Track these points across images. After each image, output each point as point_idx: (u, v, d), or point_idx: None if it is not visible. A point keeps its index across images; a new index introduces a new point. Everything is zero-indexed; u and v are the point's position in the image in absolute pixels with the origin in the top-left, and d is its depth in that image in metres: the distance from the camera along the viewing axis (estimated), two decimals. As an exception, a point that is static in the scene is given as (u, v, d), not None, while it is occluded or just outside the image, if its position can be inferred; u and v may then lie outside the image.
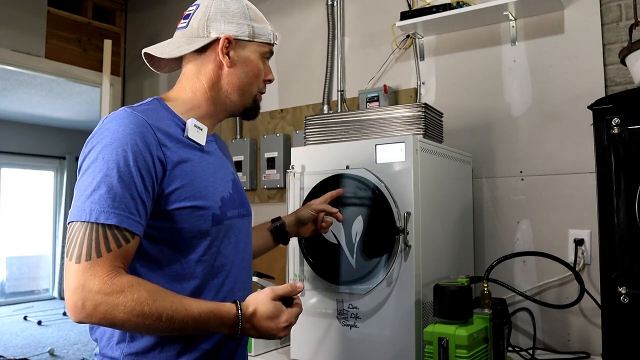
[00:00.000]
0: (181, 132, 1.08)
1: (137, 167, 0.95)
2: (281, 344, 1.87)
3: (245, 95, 1.17)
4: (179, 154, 1.04)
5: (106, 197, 0.92)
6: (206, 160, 1.11)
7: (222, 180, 1.13)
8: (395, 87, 2.24)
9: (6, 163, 7.60)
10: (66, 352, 5.04)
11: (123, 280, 0.91)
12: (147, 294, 0.91)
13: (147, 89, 3.26)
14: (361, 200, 1.54)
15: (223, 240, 1.10)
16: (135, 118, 0.99)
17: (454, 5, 1.95)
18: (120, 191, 0.93)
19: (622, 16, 1.77)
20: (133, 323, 0.90)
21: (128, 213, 0.93)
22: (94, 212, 0.91)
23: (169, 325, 0.92)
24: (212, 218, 1.06)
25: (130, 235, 0.94)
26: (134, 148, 0.96)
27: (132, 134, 0.97)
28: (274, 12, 2.65)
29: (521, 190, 1.93)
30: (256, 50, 1.17)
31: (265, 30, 1.18)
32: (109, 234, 0.92)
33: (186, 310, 0.93)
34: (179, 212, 1.01)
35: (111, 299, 0.88)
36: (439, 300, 1.35)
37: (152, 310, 0.90)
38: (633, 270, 1.14)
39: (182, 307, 0.93)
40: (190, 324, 0.94)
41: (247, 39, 1.15)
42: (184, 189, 1.02)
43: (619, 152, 1.17)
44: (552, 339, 1.82)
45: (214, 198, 1.08)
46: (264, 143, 2.59)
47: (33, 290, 7.84)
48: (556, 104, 1.88)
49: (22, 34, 2.92)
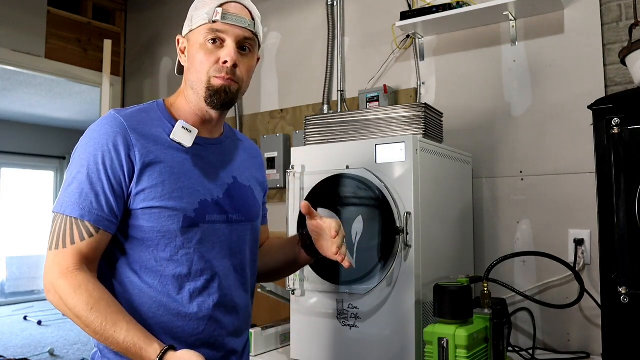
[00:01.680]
0: (168, 134, 1.10)
1: (104, 166, 1.03)
2: (281, 343, 1.87)
3: (197, 86, 1.12)
4: (156, 154, 1.07)
5: (74, 192, 1.02)
6: (190, 162, 1.11)
7: (208, 184, 1.13)
8: (395, 87, 2.24)
9: (6, 163, 7.60)
10: (66, 352, 5.04)
11: (77, 278, 0.98)
12: (86, 300, 0.96)
13: (147, 89, 3.26)
14: (361, 201, 1.54)
15: (201, 244, 1.09)
16: (112, 120, 1.06)
17: (454, 5, 1.95)
18: (87, 187, 1.02)
19: (622, 16, 1.77)
20: (72, 319, 0.98)
21: (91, 208, 1.01)
22: (64, 205, 1.02)
23: (97, 337, 0.97)
24: (183, 220, 1.07)
25: (94, 229, 1.01)
26: (103, 148, 1.03)
27: (105, 135, 1.04)
28: (274, 12, 2.65)
29: (521, 190, 1.93)
30: (195, 39, 1.12)
31: (201, 13, 1.11)
32: (74, 227, 1.00)
33: (113, 332, 0.96)
34: (146, 211, 1.05)
35: (61, 292, 0.97)
36: (439, 300, 1.35)
37: (83, 317, 0.96)
38: (633, 270, 1.14)
39: (111, 327, 0.96)
40: (114, 346, 0.97)
41: (189, 31, 1.14)
42: (153, 189, 1.05)
43: (619, 152, 1.17)
44: (552, 339, 1.82)
45: (189, 200, 1.08)
46: (264, 143, 2.59)
47: (33, 290, 7.83)
48: (556, 104, 1.88)
49: (22, 34, 2.92)
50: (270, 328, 1.84)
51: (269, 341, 1.82)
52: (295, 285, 1.66)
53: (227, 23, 1.09)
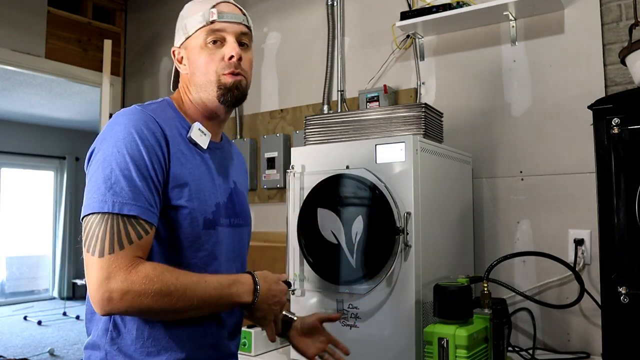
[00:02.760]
0: (185, 133, 1.10)
1: (151, 160, 0.99)
2: (281, 343, 1.86)
3: (207, 87, 1.11)
4: (184, 153, 1.07)
5: (127, 190, 0.95)
6: (205, 165, 1.12)
7: (219, 187, 1.14)
8: (395, 87, 2.24)
9: (6, 163, 7.60)
10: (66, 352, 5.04)
11: (146, 267, 0.94)
12: (169, 274, 0.95)
13: (147, 89, 3.26)
14: (361, 200, 1.54)
15: (215, 247, 1.10)
16: (145, 115, 1.04)
17: (454, 5, 1.95)
18: (140, 183, 0.96)
19: (622, 16, 1.77)
20: (160, 305, 0.94)
21: (148, 205, 0.97)
22: (116, 204, 0.94)
23: (194, 298, 0.96)
24: (204, 222, 1.07)
25: (149, 226, 0.98)
26: (146, 142, 0.99)
27: (144, 129, 1.01)
28: (274, 12, 2.66)
29: (521, 190, 1.92)
30: (195, 43, 1.12)
31: (194, 18, 1.12)
32: (129, 226, 0.95)
33: (206, 282, 0.99)
34: (176, 210, 1.03)
35: (137, 287, 0.91)
36: (439, 300, 1.35)
37: (177, 288, 0.95)
38: (633, 270, 1.14)
39: (201, 279, 0.99)
40: (213, 293, 0.99)
41: (185, 39, 1.14)
42: (183, 187, 1.04)
43: (619, 152, 1.17)
44: (552, 339, 1.82)
45: (208, 202, 1.09)
46: (264, 143, 2.59)
47: (33, 290, 7.84)
48: (556, 104, 1.88)
49: (22, 34, 2.92)
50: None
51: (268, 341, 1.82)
52: (295, 285, 1.66)
53: (225, 21, 1.11)
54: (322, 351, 1.33)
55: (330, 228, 1.58)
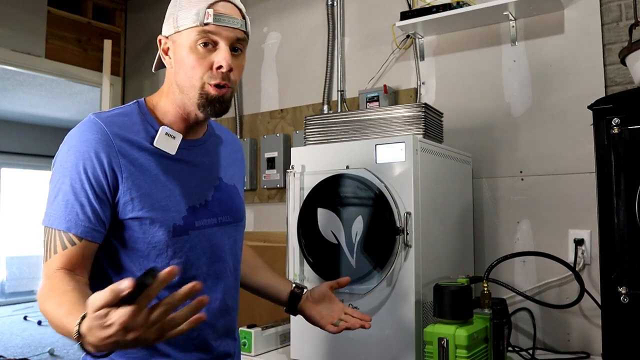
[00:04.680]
0: (151, 139, 1.06)
1: (87, 175, 0.99)
2: (281, 343, 1.87)
3: (189, 91, 1.05)
4: (140, 162, 1.03)
5: (60, 205, 0.99)
6: (174, 169, 1.08)
7: (195, 188, 1.10)
8: (395, 87, 2.24)
9: (6, 163, 7.61)
10: (66, 352, 5.04)
11: (47, 281, 0.96)
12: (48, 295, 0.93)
13: (147, 88, 3.26)
14: (361, 201, 1.54)
15: (192, 251, 1.07)
16: (93, 126, 1.02)
17: (454, 5, 1.95)
18: (72, 199, 0.99)
19: (622, 16, 1.77)
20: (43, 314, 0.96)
21: (77, 220, 0.99)
22: (51, 218, 1.00)
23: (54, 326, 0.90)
24: (173, 229, 1.04)
25: (77, 239, 0.99)
26: (84, 156, 0.99)
27: (86, 143, 1.00)
28: (274, 12, 2.66)
29: (521, 190, 1.92)
30: (183, 41, 1.04)
31: (187, 14, 1.03)
32: (58, 238, 0.99)
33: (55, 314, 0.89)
34: (134, 221, 1.02)
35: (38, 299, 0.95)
36: (439, 300, 1.35)
37: (44, 311, 0.92)
38: (633, 270, 1.14)
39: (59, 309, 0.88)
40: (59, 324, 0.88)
41: (174, 32, 1.05)
42: (140, 198, 1.01)
43: (619, 152, 1.17)
44: (552, 339, 1.82)
45: (177, 208, 1.05)
46: (264, 143, 2.59)
47: (33, 290, 7.82)
48: (556, 104, 1.88)
49: (22, 34, 2.92)
50: (270, 328, 1.84)
51: (269, 341, 1.82)
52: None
53: (219, 25, 1.02)
54: (336, 319, 1.29)
55: (330, 228, 1.58)
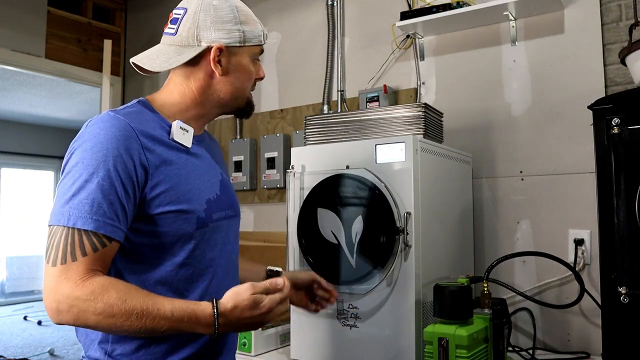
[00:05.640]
0: (166, 134, 1.07)
1: (117, 172, 0.95)
2: (281, 343, 1.87)
3: (238, 98, 1.17)
4: (163, 156, 1.04)
5: (84, 203, 0.93)
6: (192, 162, 1.10)
7: (208, 182, 1.12)
8: (395, 87, 2.24)
9: (6, 163, 7.61)
10: (66, 352, 5.05)
11: (94, 283, 0.91)
12: (116, 295, 0.90)
13: (147, 89, 3.26)
14: (361, 201, 1.54)
15: (208, 243, 1.09)
16: (118, 122, 0.99)
17: (454, 5, 1.95)
18: (99, 197, 0.94)
19: (622, 16, 1.77)
20: (104, 325, 0.91)
21: (106, 218, 0.94)
22: (72, 217, 0.93)
23: (140, 325, 0.91)
24: (197, 221, 1.05)
25: (107, 240, 0.94)
26: (114, 153, 0.96)
27: (114, 139, 0.97)
28: (274, 12, 2.65)
29: (521, 190, 1.92)
30: (247, 55, 1.15)
31: (255, 31, 1.15)
32: (85, 238, 0.92)
33: (158, 310, 0.91)
34: (163, 216, 1.01)
35: (81, 303, 0.89)
36: (439, 300, 1.35)
37: (121, 311, 0.90)
38: (633, 270, 1.14)
39: (153, 306, 0.91)
40: (163, 324, 0.92)
41: (239, 45, 1.12)
42: (167, 192, 1.02)
43: (619, 152, 1.17)
44: (552, 339, 1.82)
45: (199, 201, 1.07)
46: (264, 143, 2.59)
47: (33, 290, 7.83)
48: (556, 104, 1.88)
49: (22, 34, 2.92)
50: (270, 328, 1.84)
51: (269, 341, 1.82)
52: (295, 285, 1.66)
53: None
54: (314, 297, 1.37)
55: (330, 228, 1.58)
